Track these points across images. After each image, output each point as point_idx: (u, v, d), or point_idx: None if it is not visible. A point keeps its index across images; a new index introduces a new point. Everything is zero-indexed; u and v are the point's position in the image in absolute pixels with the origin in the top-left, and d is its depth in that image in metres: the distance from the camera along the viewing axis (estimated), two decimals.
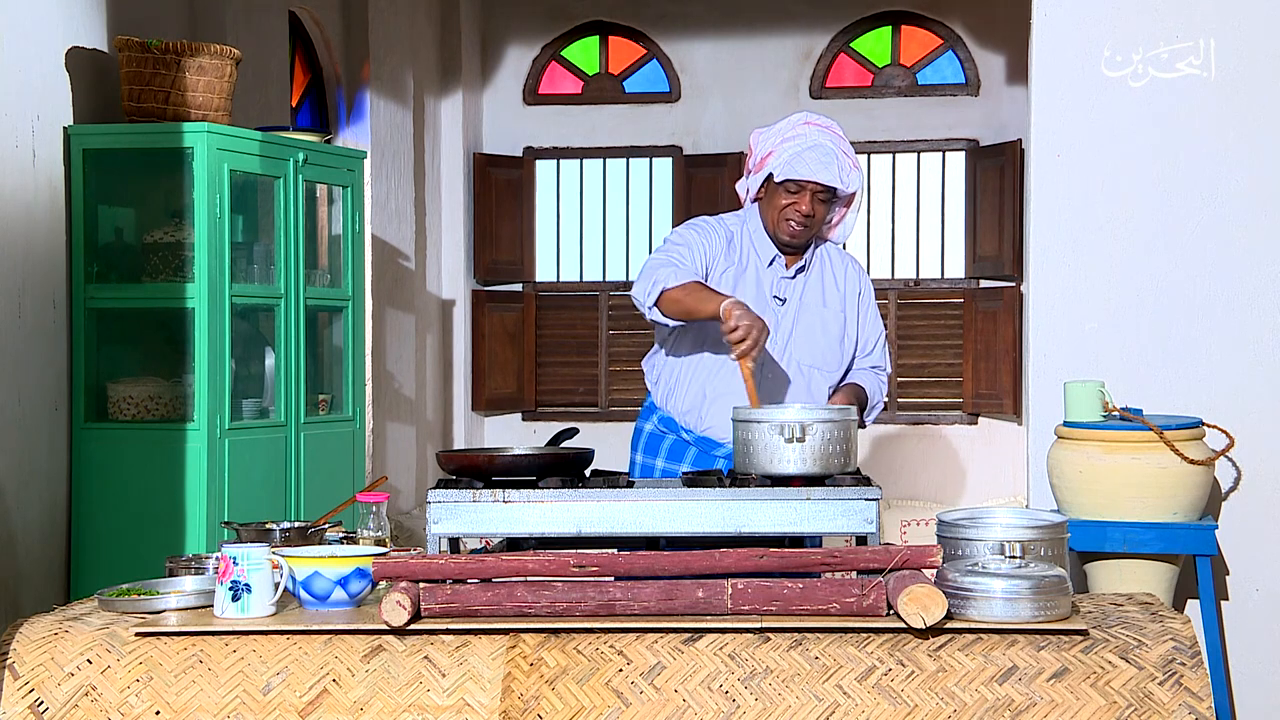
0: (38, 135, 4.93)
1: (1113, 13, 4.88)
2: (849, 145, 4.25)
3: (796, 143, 4.18)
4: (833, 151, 4.17)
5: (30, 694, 2.94)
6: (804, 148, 4.16)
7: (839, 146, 4.20)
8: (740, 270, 4.25)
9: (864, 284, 4.42)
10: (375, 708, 2.88)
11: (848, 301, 4.36)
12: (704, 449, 4.27)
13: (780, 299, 4.26)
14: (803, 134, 4.20)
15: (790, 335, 4.25)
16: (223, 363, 5.21)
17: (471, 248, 9.11)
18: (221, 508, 5.12)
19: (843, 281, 4.36)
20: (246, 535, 3.64)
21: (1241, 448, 4.76)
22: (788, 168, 4.15)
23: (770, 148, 4.24)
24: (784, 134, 4.23)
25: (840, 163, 4.17)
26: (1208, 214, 4.85)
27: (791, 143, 4.19)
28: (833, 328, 4.31)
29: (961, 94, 9.02)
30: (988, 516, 3.31)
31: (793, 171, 4.14)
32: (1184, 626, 2.94)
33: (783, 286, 4.28)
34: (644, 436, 4.38)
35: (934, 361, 9.04)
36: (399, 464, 8.13)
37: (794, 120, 4.26)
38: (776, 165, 4.19)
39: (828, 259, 4.37)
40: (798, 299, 4.28)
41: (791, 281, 4.29)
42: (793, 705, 2.83)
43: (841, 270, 4.38)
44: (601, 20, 9.31)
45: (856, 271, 4.41)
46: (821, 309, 4.30)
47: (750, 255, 4.27)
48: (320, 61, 7.70)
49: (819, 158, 4.14)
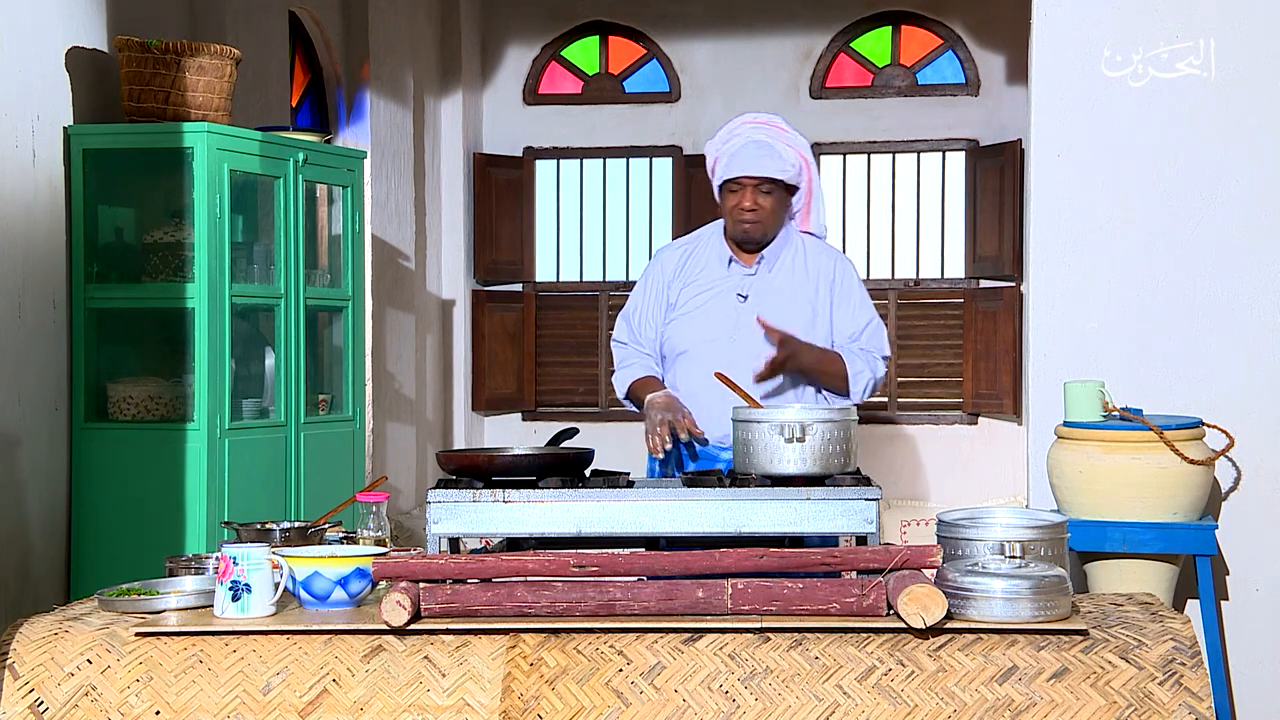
0: (38, 135, 4.93)
1: (1113, 13, 4.88)
2: (793, 136, 4.41)
3: (734, 143, 4.39)
4: (767, 144, 4.34)
5: (30, 694, 2.94)
6: (740, 146, 4.36)
7: (777, 139, 4.37)
8: (699, 278, 4.45)
9: (839, 272, 4.47)
10: (375, 708, 2.88)
11: (819, 291, 4.42)
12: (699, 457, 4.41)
13: (742, 295, 4.40)
14: (740, 134, 4.40)
15: (750, 329, 4.34)
16: (223, 363, 5.21)
17: (471, 248, 9.11)
18: (221, 508, 5.12)
19: (815, 274, 4.42)
20: (246, 535, 3.64)
21: (1241, 448, 4.76)
22: (726, 169, 4.36)
23: (716, 154, 4.46)
24: (724, 139, 4.44)
25: (775, 152, 4.33)
26: (1208, 214, 4.85)
27: (729, 144, 4.40)
28: (797, 319, 4.38)
29: (961, 94, 9.02)
30: (988, 516, 3.31)
31: (729, 171, 4.34)
32: (1184, 626, 2.94)
33: (745, 284, 4.41)
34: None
35: (934, 361, 9.04)
36: (399, 464, 8.13)
37: (734, 124, 4.46)
38: (719, 169, 4.40)
39: (801, 251, 4.46)
40: (760, 294, 4.40)
41: (753, 278, 4.41)
42: (793, 705, 2.83)
43: (814, 263, 4.46)
44: (601, 20, 9.31)
45: (831, 260, 4.46)
46: (785, 303, 4.39)
47: (710, 263, 4.46)
48: (320, 61, 7.70)
49: (753, 152, 4.32)
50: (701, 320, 4.42)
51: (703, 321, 4.42)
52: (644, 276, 4.57)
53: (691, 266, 4.47)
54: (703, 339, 4.39)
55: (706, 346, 4.37)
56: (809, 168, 4.43)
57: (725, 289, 4.41)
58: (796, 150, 4.39)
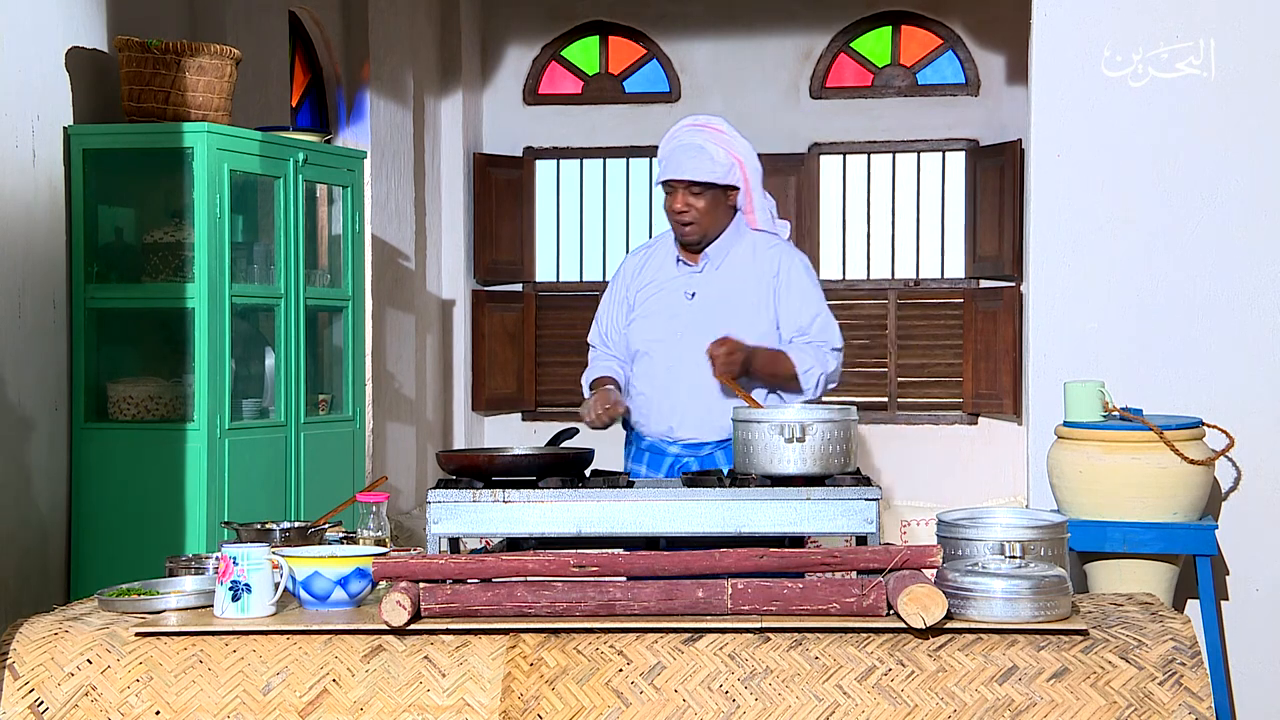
0: (38, 135, 4.93)
1: (1113, 13, 4.88)
2: (729, 138, 4.47)
3: (669, 146, 4.48)
4: (699, 146, 4.41)
5: (30, 694, 2.94)
6: (674, 149, 4.45)
7: (710, 140, 4.44)
8: (652, 281, 4.55)
9: (785, 265, 4.50)
10: (375, 708, 2.88)
11: (763, 286, 4.47)
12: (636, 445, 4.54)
13: (690, 294, 4.47)
14: (677, 137, 4.48)
15: (698, 326, 4.40)
16: (223, 363, 5.20)
17: (471, 248, 9.11)
18: (221, 508, 5.12)
19: (758, 270, 4.46)
20: (246, 535, 3.64)
21: (1241, 448, 4.76)
22: (660, 172, 4.46)
23: (659, 159, 4.55)
24: (665, 142, 4.52)
25: (707, 154, 4.40)
26: (1208, 214, 4.85)
27: (667, 147, 4.49)
28: (743, 315, 4.43)
29: (961, 94, 9.02)
30: (988, 516, 3.31)
31: (662, 173, 4.44)
32: (1184, 626, 2.94)
33: (693, 282, 4.49)
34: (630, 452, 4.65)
35: (934, 361, 9.04)
36: (399, 464, 8.13)
37: (675, 128, 4.53)
38: (657, 172, 4.49)
39: (750, 248, 4.51)
40: (706, 291, 4.47)
41: (700, 276, 4.49)
42: (793, 705, 2.83)
43: (760, 259, 4.51)
44: (601, 20, 9.31)
45: (778, 254, 4.50)
46: (733, 298, 4.45)
47: (663, 264, 4.55)
48: (320, 61, 7.70)
49: (682, 155, 4.40)
50: (654, 320, 4.52)
51: (655, 321, 4.52)
52: (610, 283, 4.71)
53: (649, 269, 4.57)
54: (655, 338, 4.49)
55: (659, 345, 4.46)
56: (743, 167, 4.48)
57: (675, 288, 4.50)
58: (729, 151, 4.45)
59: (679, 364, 4.38)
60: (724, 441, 4.37)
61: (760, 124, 9.14)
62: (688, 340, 4.39)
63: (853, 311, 9.10)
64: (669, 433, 4.46)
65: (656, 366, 4.44)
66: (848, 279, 9.20)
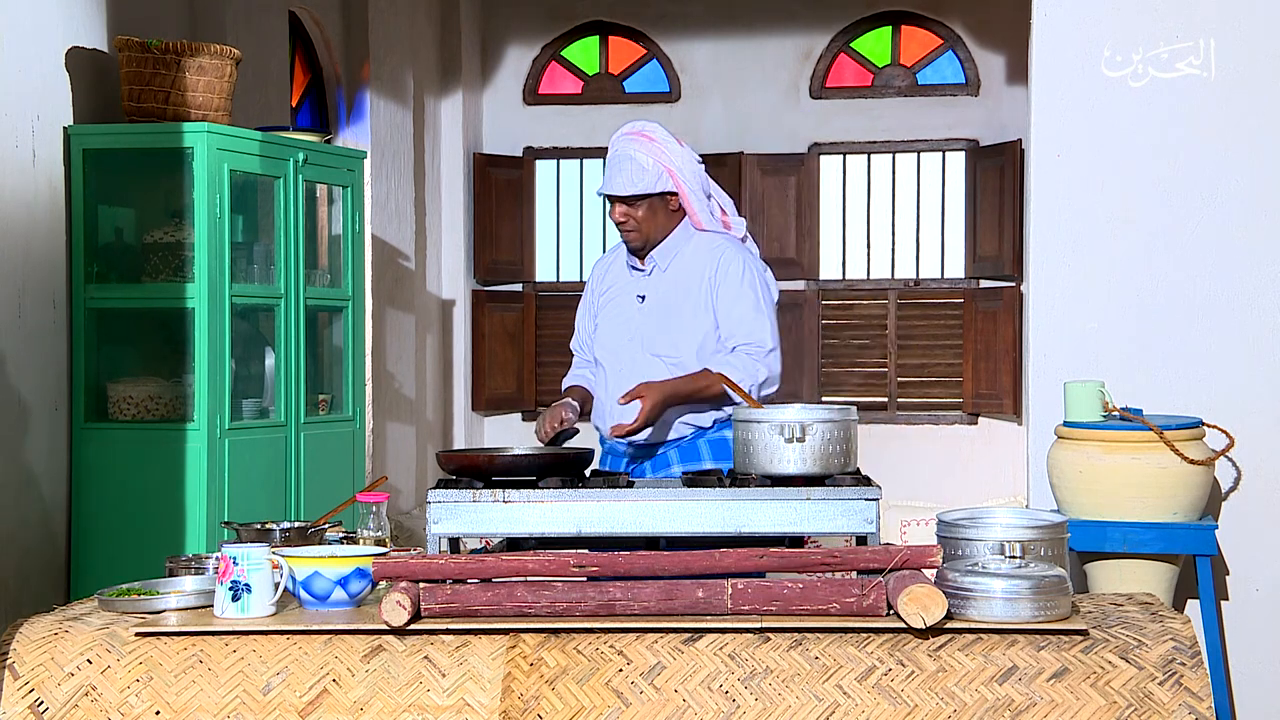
0: (38, 135, 4.93)
1: (1113, 13, 4.88)
2: (659, 146, 4.47)
3: (608, 158, 4.52)
4: (629, 156, 4.45)
5: (30, 694, 2.94)
6: (608, 162, 4.51)
7: (640, 149, 4.46)
8: (612, 285, 4.59)
9: (722, 264, 4.46)
10: (375, 708, 2.88)
11: (701, 287, 4.48)
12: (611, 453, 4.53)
13: (641, 297, 4.50)
14: (613, 147, 4.51)
15: (645, 329, 4.44)
16: (223, 363, 5.20)
17: (471, 248, 9.11)
18: (221, 508, 5.12)
19: (702, 270, 4.48)
20: (246, 535, 3.64)
21: (1241, 448, 4.76)
22: (601, 185, 4.50)
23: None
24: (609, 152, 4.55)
25: (637, 165, 4.43)
26: (1208, 214, 4.85)
27: (608, 159, 4.53)
28: (685, 317, 4.44)
29: (961, 94, 9.02)
30: (988, 516, 3.31)
31: (601, 188, 4.49)
32: (1184, 626, 2.94)
33: (642, 285, 4.52)
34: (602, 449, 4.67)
35: (934, 361, 9.04)
36: (399, 464, 8.13)
37: (613, 138, 4.55)
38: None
39: (694, 249, 4.51)
40: (653, 295, 4.49)
41: (649, 279, 4.51)
42: (793, 705, 2.83)
43: (704, 259, 4.50)
44: (601, 20, 9.31)
45: (716, 254, 4.49)
46: (679, 301, 4.46)
47: (620, 270, 4.60)
48: (320, 61, 7.70)
49: (614, 169, 4.45)
50: (610, 325, 4.56)
51: (611, 327, 4.56)
52: (583, 294, 4.76)
53: (610, 275, 4.62)
54: (610, 343, 4.52)
55: (613, 350, 4.49)
56: (674, 174, 4.47)
57: (627, 293, 4.54)
58: (656, 159, 4.45)
59: (630, 367, 4.41)
60: (676, 441, 4.40)
61: (760, 124, 9.16)
62: (637, 344, 4.44)
63: (853, 311, 9.10)
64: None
65: (610, 370, 4.48)
66: (848, 279, 9.20)
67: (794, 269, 9.10)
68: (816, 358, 9.12)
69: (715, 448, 4.40)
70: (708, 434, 4.39)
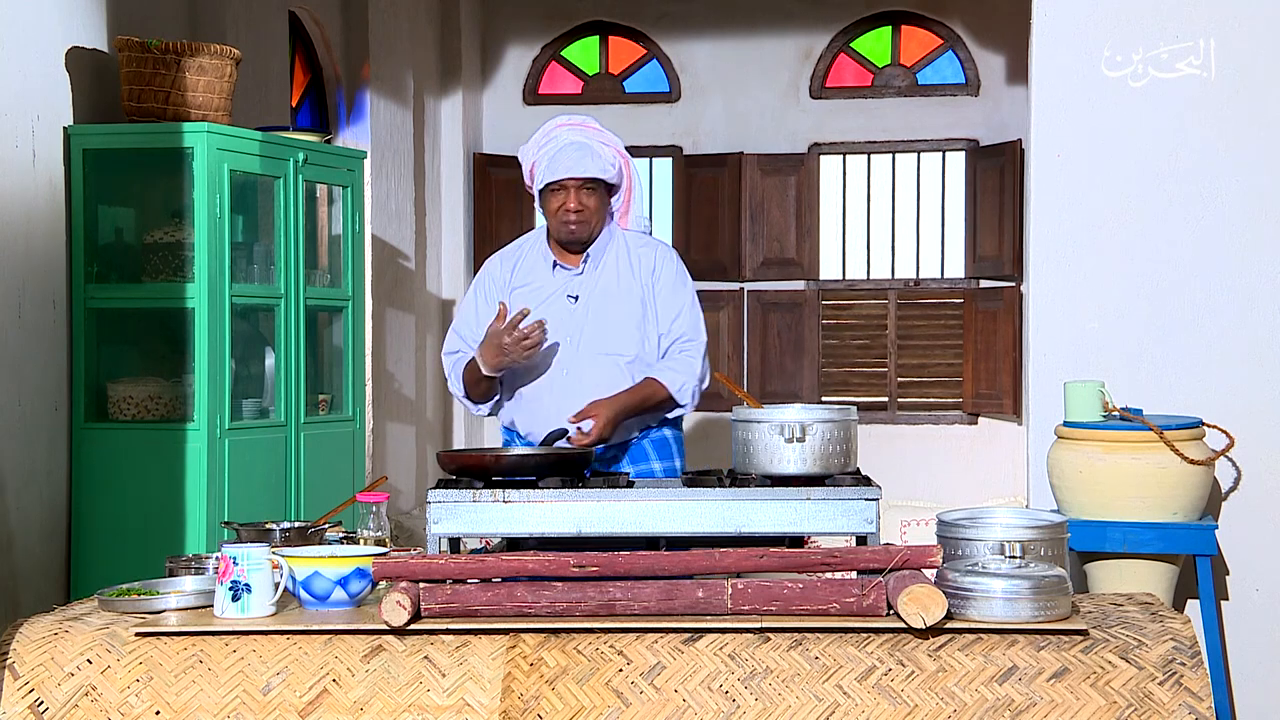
0: (38, 135, 4.93)
1: (1113, 13, 4.88)
2: (608, 135, 4.49)
3: (550, 146, 4.47)
4: (585, 145, 4.42)
5: (30, 694, 2.94)
6: (557, 149, 4.44)
7: (593, 138, 4.45)
8: (528, 284, 4.49)
9: (660, 262, 4.51)
10: (375, 708, 2.88)
11: (644, 286, 4.48)
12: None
13: (573, 297, 4.44)
14: (555, 137, 4.47)
15: (585, 328, 4.40)
16: (223, 363, 5.20)
17: (471, 248, 9.11)
18: (221, 508, 5.12)
19: (638, 267, 4.50)
20: (246, 535, 3.64)
21: (1241, 448, 4.76)
22: (546, 172, 4.43)
23: (533, 158, 4.54)
24: (540, 143, 4.52)
25: (595, 153, 4.41)
26: (1208, 214, 4.85)
27: (546, 148, 4.48)
28: (629, 314, 4.43)
29: (961, 94, 9.02)
30: (988, 516, 3.31)
31: (552, 173, 4.40)
32: (1184, 626, 2.94)
33: (574, 285, 4.47)
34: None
35: (934, 361, 9.04)
36: (399, 464, 8.13)
37: (547, 128, 4.54)
38: (539, 173, 4.47)
39: (625, 247, 4.53)
40: (589, 293, 4.45)
41: (581, 278, 4.47)
42: (793, 705, 2.83)
43: (638, 256, 4.51)
44: (601, 20, 9.31)
45: (653, 252, 4.52)
46: (615, 298, 4.44)
47: (536, 268, 4.51)
48: (320, 61, 7.70)
49: (572, 154, 4.39)
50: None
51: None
52: (473, 289, 4.63)
53: (520, 272, 4.53)
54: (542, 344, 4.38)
55: (546, 351, 4.38)
56: (628, 165, 4.50)
57: (555, 292, 4.46)
58: (614, 149, 4.47)
59: (572, 367, 4.37)
60: (623, 443, 4.40)
61: (760, 124, 9.16)
62: (577, 343, 4.38)
63: (853, 311, 9.10)
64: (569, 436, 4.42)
65: (552, 373, 4.40)
66: (848, 279, 9.21)
67: (794, 269, 9.11)
68: (816, 358, 9.12)
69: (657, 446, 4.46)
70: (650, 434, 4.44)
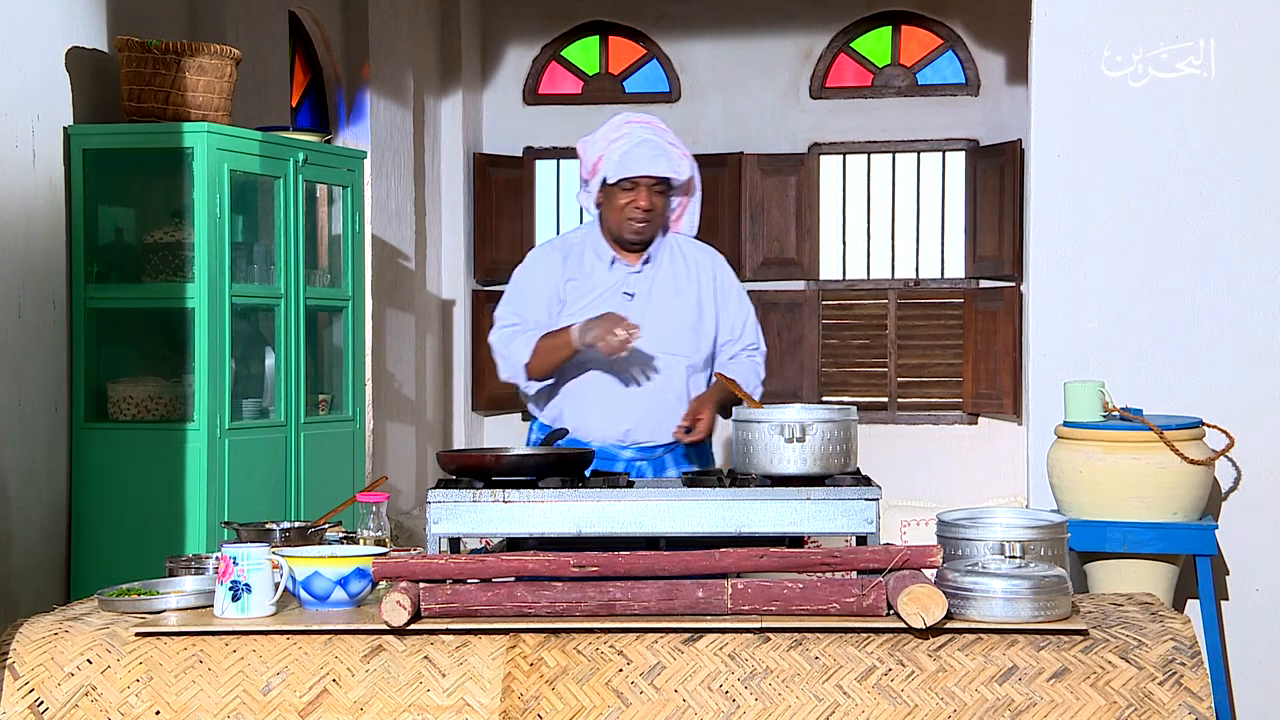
0: (38, 135, 4.93)
1: (1113, 13, 4.88)
2: (674, 136, 4.45)
3: (622, 142, 4.37)
4: (659, 144, 4.37)
5: (30, 694, 2.94)
6: (631, 145, 4.35)
7: (664, 138, 4.40)
8: (584, 277, 4.44)
9: (719, 270, 4.54)
10: (375, 708, 2.88)
11: (702, 290, 4.49)
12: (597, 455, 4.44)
13: (629, 294, 4.42)
14: (627, 133, 4.39)
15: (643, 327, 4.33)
16: (223, 363, 5.20)
17: (471, 248, 9.11)
18: (221, 508, 5.12)
19: (695, 271, 4.50)
20: (246, 535, 3.64)
21: (1241, 448, 4.76)
22: (619, 167, 4.34)
23: (599, 153, 4.43)
24: (609, 137, 4.42)
25: (668, 154, 4.36)
26: (1208, 214, 4.85)
27: (618, 143, 4.38)
28: (686, 316, 4.43)
29: (961, 94, 9.02)
30: (988, 516, 3.31)
31: (624, 170, 4.33)
32: (1184, 626, 2.94)
33: (631, 282, 4.45)
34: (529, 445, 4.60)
35: (934, 361, 9.04)
36: (399, 464, 8.13)
37: (616, 122, 4.45)
38: (608, 167, 4.37)
39: (678, 250, 4.52)
40: (647, 292, 4.43)
41: (639, 276, 4.45)
42: (793, 705, 2.83)
43: (694, 260, 4.51)
44: (601, 20, 9.31)
45: (710, 259, 4.53)
46: (673, 299, 4.44)
47: (592, 261, 4.46)
48: (320, 61, 7.70)
49: (647, 152, 4.33)
50: None
51: None
52: (525, 273, 4.51)
53: (571, 265, 4.47)
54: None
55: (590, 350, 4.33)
56: (695, 170, 4.48)
57: (612, 288, 4.43)
58: (681, 151, 4.44)
59: (629, 367, 4.35)
60: (674, 444, 4.40)
61: (760, 124, 9.16)
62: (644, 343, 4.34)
63: (853, 311, 9.10)
64: (624, 436, 4.42)
65: (600, 371, 4.38)
66: (848, 279, 9.21)
67: (794, 269, 9.11)
68: (816, 358, 9.12)
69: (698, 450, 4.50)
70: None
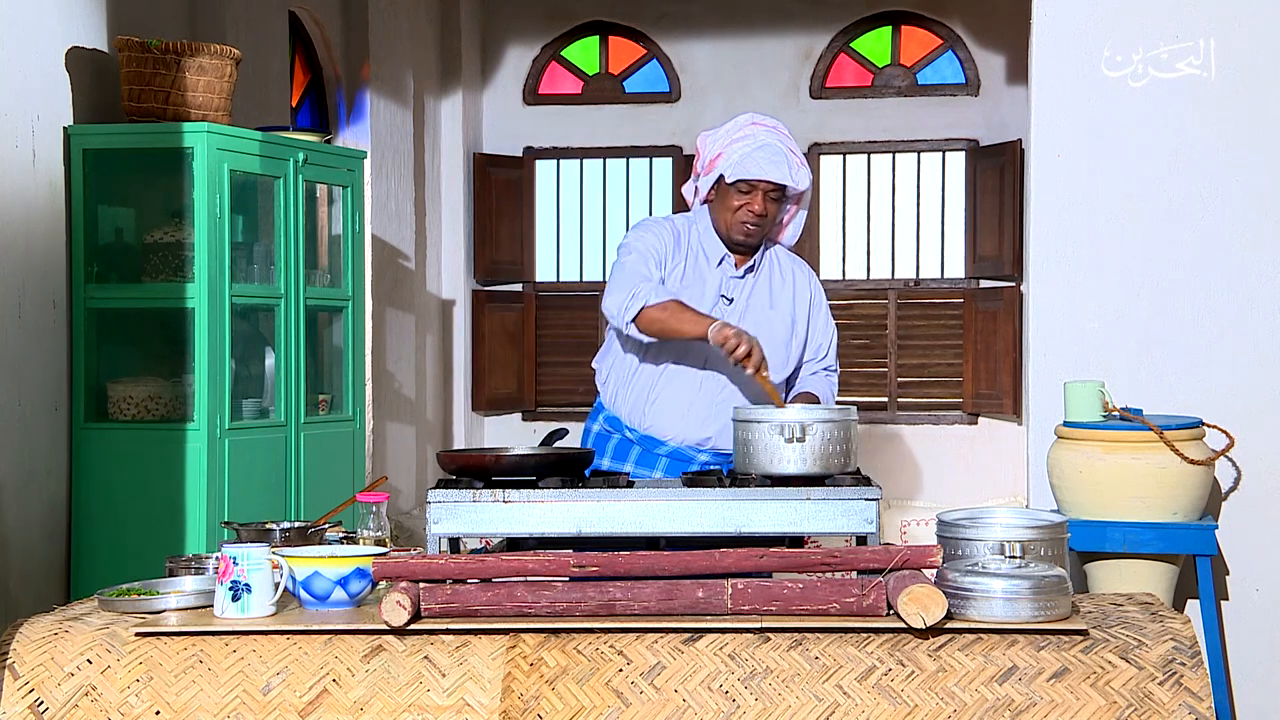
0: (38, 135, 4.93)
1: (1113, 13, 4.88)
2: (795, 144, 4.33)
3: (745, 143, 4.24)
4: (782, 150, 4.24)
5: (30, 694, 2.94)
6: (753, 147, 4.22)
7: (786, 145, 4.27)
8: (689, 267, 4.31)
9: (814, 288, 4.47)
10: (375, 708, 2.88)
11: (797, 305, 4.40)
12: (647, 447, 4.33)
13: (728, 298, 4.31)
14: (751, 134, 4.26)
15: None
16: (223, 363, 5.21)
17: (471, 248, 9.11)
18: (221, 508, 5.12)
19: (791, 285, 4.41)
20: (246, 535, 3.64)
21: (1241, 448, 4.76)
22: (739, 168, 4.21)
23: (719, 149, 4.30)
24: (732, 135, 4.28)
25: (789, 161, 4.25)
26: (1208, 214, 4.85)
27: (741, 143, 4.24)
28: (779, 329, 4.33)
29: (961, 94, 9.02)
30: (988, 516, 3.31)
31: (744, 171, 4.20)
32: (1184, 626, 2.94)
33: (731, 286, 4.33)
34: (591, 436, 4.46)
35: (934, 361, 9.04)
36: (399, 464, 8.13)
37: (741, 121, 4.32)
38: (727, 166, 4.25)
39: (776, 262, 4.43)
40: (745, 299, 4.34)
41: (740, 281, 4.34)
42: (793, 705, 2.83)
43: (790, 274, 4.43)
44: (601, 20, 9.31)
45: (806, 276, 4.46)
46: (769, 310, 4.35)
47: (698, 254, 4.33)
48: (320, 61, 7.70)
49: (769, 157, 4.20)
50: None
51: None
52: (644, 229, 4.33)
53: (678, 251, 4.32)
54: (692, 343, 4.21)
55: (695, 350, 4.24)
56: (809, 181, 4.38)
57: (711, 288, 4.30)
58: (801, 160, 4.30)
59: (719, 371, 4.23)
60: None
61: None
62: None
63: (853, 311, 9.10)
64: (704, 441, 4.29)
65: (692, 372, 4.25)
66: (848, 279, 9.21)
67: None
68: None
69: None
70: None
